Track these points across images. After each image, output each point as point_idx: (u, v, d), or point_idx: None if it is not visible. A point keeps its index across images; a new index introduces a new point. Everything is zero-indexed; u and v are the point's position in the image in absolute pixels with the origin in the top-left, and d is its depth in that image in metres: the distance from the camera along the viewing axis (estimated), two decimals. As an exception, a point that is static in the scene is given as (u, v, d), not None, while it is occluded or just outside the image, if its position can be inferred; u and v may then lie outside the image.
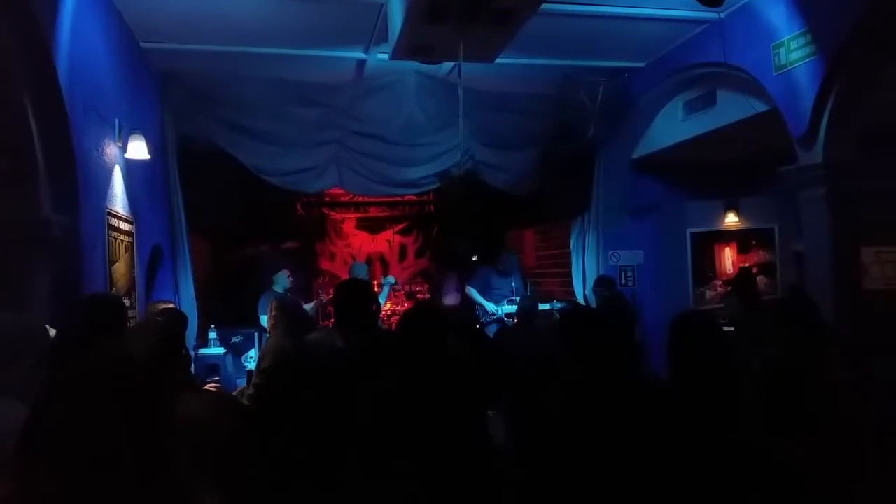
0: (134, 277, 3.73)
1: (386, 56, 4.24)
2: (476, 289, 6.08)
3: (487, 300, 5.99)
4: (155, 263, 4.39)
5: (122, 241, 3.54)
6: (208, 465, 1.23)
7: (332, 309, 3.83)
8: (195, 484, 1.00)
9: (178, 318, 2.74)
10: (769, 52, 3.86)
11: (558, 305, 5.99)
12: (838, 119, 3.56)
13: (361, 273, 6.01)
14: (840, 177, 3.64)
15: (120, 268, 3.45)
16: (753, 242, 6.06)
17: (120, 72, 3.68)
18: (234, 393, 3.45)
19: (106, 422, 0.82)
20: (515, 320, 5.12)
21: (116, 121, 3.52)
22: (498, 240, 7.94)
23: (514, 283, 6.07)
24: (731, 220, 6.09)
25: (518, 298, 5.47)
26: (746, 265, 5.98)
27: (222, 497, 1.15)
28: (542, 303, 6.21)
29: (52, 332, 1.92)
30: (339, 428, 1.09)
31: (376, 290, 6.11)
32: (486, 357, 2.44)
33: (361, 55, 4.70)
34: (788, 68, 3.74)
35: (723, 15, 4.20)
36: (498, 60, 4.02)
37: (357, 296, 2.45)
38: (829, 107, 3.55)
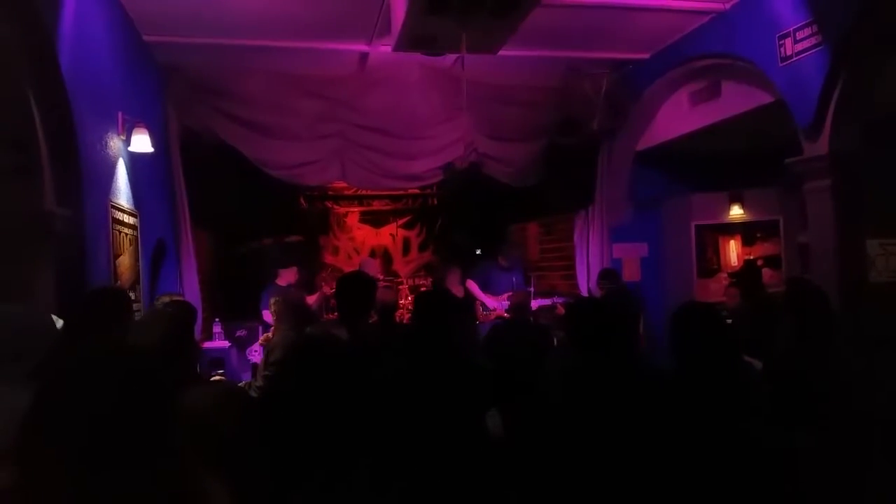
0: (138, 270, 3.74)
1: (388, 48, 4.23)
2: (477, 283, 6.07)
3: (488, 295, 5.98)
4: (159, 257, 4.40)
5: (127, 234, 3.55)
6: (217, 455, 1.23)
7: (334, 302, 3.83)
8: (203, 474, 1.00)
9: (187, 309, 2.75)
10: (774, 42, 3.82)
11: (561, 300, 5.98)
12: (844, 110, 3.53)
13: (372, 269, 6.03)
14: (846, 168, 3.61)
15: (124, 261, 3.46)
16: (758, 235, 6.03)
17: (123, 65, 3.68)
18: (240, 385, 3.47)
19: (109, 412, 0.82)
20: (507, 315, 5.11)
21: (120, 114, 3.52)
22: (501, 233, 7.93)
23: (514, 278, 6.06)
24: (736, 212, 6.06)
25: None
26: (751, 257, 5.95)
27: (230, 487, 1.15)
28: (543, 297, 6.22)
29: (59, 322, 1.93)
30: (347, 420, 1.10)
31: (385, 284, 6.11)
32: None
33: (364, 47, 4.68)
34: (794, 59, 3.70)
35: (728, 5, 4.16)
36: (501, 52, 3.99)
37: (359, 288, 2.46)
38: (834, 97, 3.52)
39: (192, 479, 0.89)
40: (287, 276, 5.83)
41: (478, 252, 7.94)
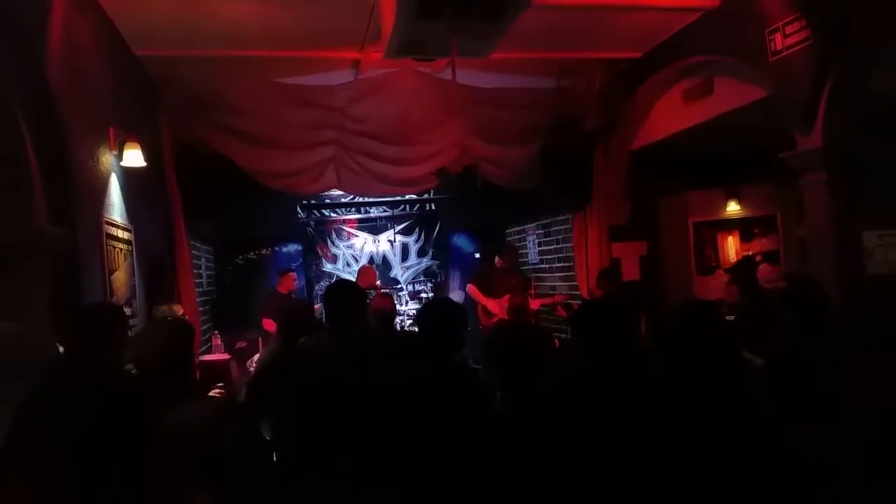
0: (134, 286, 3.73)
1: (380, 55, 4.22)
2: (477, 286, 6.05)
3: (489, 298, 5.96)
4: (156, 271, 4.39)
5: (122, 249, 3.54)
6: (209, 468, 1.22)
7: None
8: (191, 489, 0.99)
9: (187, 329, 2.72)
10: (764, 37, 3.82)
11: (561, 300, 5.96)
12: (836, 102, 3.52)
13: (370, 276, 6.02)
14: (840, 161, 3.60)
15: (119, 276, 3.45)
16: (756, 230, 6.02)
17: (114, 80, 3.67)
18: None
19: (87, 432, 0.81)
20: (508, 318, 5.09)
21: (111, 129, 3.51)
22: (499, 236, 7.92)
23: (514, 280, 6.04)
24: (733, 208, 6.06)
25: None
26: (749, 253, 5.95)
27: (220, 499, 1.14)
28: (543, 298, 6.19)
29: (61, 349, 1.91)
30: (333, 427, 1.09)
31: (382, 290, 6.11)
32: None
33: (356, 55, 4.69)
34: (784, 53, 3.70)
35: (717, 2, 4.17)
36: (493, 55, 3.99)
37: (346, 297, 2.44)
38: (826, 90, 3.51)
39: (175, 495, 0.88)
40: (287, 283, 5.82)
41: (477, 255, 7.93)
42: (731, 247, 6.06)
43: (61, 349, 1.95)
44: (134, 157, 3.61)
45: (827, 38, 3.40)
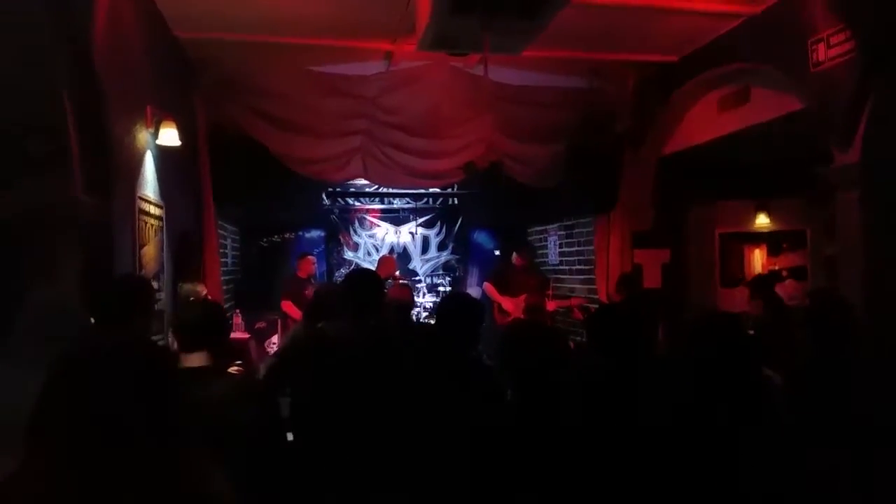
0: (162, 261, 3.82)
1: (413, 48, 4.24)
2: (493, 284, 6.04)
3: (505, 297, 5.94)
4: (184, 248, 4.49)
5: (153, 224, 3.63)
6: (230, 445, 1.26)
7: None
8: (207, 461, 1.02)
9: (223, 313, 2.78)
10: (806, 48, 3.73)
11: (578, 303, 5.92)
12: (878, 118, 3.42)
13: (389, 266, 6.07)
14: (879, 179, 3.51)
15: (149, 251, 3.54)
16: (784, 245, 5.90)
17: (153, 60, 3.76)
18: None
19: (113, 403, 0.84)
20: (524, 317, 5.08)
21: (148, 108, 3.60)
22: (520, 234, 7.90)
23: (532, 279, 6.02)
24: (762, 221, 5.94)
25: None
26: (776, 268, 5.83)
27: (242, 472, 1.17)
28: (561, 300, 6.16)
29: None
30: (350, 418, 1.12)
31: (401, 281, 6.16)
32: None
33: (389, 47, 4.71)
34: (826, 64, 3.61)
35: (759, 9, 4.08)
36: (526, 53, 3.97)
37: (365, 285, 2.46)
38: (868, 105, 3.42)
39: (196, 468, 0.91)
40: (305, 267, 5.90)
41: (497, 252, 7.93)
42: (758, 260, 5.95)
43: (92, 320, 2.01)
44: (170, 135, 3.69)
45: (872, 50, 3.31)
